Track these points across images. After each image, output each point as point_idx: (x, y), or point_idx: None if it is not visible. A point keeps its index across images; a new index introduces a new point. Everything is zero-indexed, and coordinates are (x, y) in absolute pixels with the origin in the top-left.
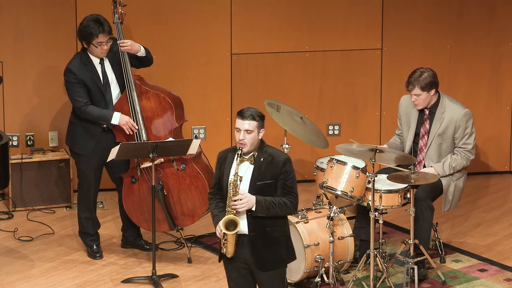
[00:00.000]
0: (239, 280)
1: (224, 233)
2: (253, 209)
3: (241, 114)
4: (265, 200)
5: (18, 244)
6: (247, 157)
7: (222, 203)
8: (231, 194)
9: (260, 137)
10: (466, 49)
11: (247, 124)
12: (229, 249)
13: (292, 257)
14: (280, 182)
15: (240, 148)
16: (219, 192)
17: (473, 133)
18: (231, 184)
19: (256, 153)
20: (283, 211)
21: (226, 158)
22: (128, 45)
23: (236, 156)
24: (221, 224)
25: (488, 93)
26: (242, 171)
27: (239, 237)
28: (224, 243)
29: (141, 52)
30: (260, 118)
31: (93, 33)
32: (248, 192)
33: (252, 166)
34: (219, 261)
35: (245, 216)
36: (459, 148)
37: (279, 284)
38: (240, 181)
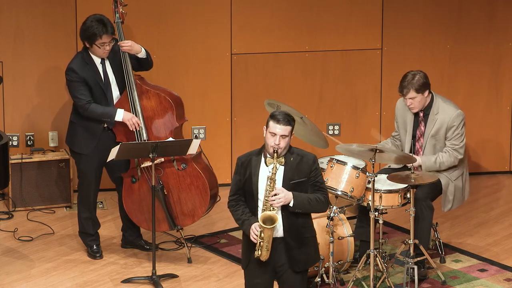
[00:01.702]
0: (261, 286)
1: (260, 232)
2: (291, 204)
3: (277, 119)
4: (301, 196)
5: (18, 244)
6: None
7: (248, 208)
8: (268, 190)
9: (290, 140)
10: (466, 49)
11: (284, 130)
12: (264, 251)
13: (318, 257)
14: (311, 179)
15: (276, 150)
16: (241, 198)
17: (463, 134)
18: (269, 179)
19: (285, 154)
20: (319, 206)
21: (250, 161)
22: (128, 45)
23: (271, 156)
24: (259, 220)
25: (488, 93)
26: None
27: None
28: (260, 243)
29: (142, 54)
30: (293, 122)
31: (97, 34)
32: None
33: (283, 167)
34: (244, 267)
35: (280, 217)
36: (447, 147)
37: (303, 286)
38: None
